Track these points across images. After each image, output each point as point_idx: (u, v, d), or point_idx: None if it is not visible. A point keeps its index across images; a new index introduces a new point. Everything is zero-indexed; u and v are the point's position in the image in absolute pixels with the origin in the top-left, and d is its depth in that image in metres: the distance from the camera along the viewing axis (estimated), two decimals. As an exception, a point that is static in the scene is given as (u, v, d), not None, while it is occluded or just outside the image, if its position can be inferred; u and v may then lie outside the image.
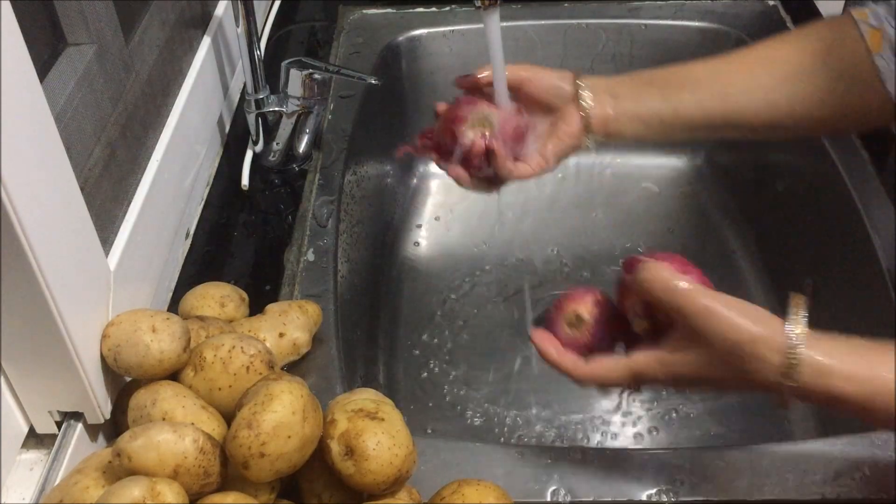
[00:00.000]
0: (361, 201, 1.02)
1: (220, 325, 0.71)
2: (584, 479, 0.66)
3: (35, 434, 0.64)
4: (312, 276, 0.84)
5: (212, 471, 0.57)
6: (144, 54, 0.80)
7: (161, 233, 0.81)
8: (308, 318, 0.74)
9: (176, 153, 0.85)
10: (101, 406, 0.64)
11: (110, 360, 0.63)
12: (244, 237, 0.90)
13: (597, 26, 1.20)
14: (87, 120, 0.68)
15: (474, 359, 1.02)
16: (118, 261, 0.69)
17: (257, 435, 0.55)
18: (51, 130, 0.56)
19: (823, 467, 0.66)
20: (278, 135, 0.97)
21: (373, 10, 1.23)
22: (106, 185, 0.71)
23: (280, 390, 0.57)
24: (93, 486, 0.57)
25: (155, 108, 0.83)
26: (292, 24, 1.23)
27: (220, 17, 1.01)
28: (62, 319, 0.57)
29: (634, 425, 0.95)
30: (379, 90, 1.03)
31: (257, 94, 0.94)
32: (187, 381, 0.64)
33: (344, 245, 0.91)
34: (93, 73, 0.69)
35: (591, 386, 0.63)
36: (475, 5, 0.73)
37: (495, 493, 0.60)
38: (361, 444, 0.58)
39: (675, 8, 1.22)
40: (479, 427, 0.96)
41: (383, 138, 1.16)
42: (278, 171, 0.98)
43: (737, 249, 1.14)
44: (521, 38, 1.20)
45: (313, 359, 0.75)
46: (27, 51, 0.53)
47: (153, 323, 0.63)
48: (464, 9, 1.22)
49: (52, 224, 0.56)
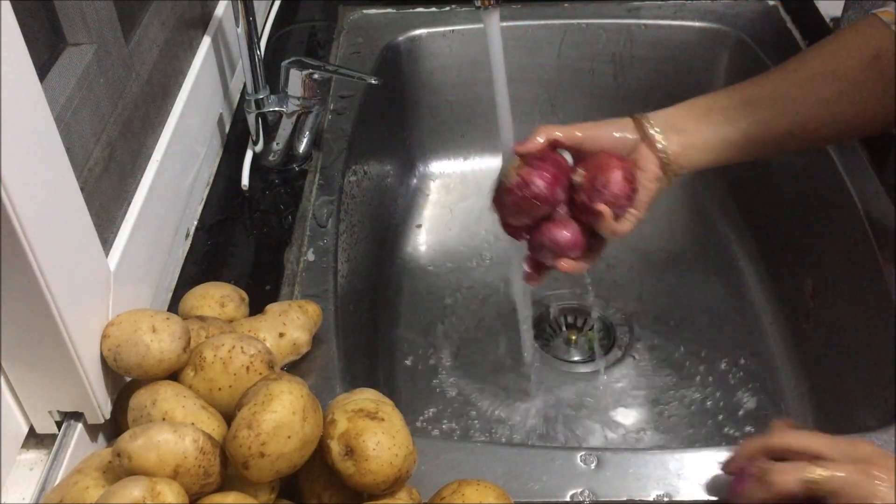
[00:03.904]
0: (361, 201, 1.02)
1: (220, 325, 0.71)
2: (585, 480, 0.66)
3: (35, 434, 0.64)
4: (312, 276, 0.84)
5: (212, 471, 0.57)
6: (144, 54, 0.80)
7: (161, 233, 0.81)
8: (308, 318, 0.74)
9: (176, 153, 0.85)
10: (101, 406, 0.64)
11: (110, 360, 0.63)
12: (244, 237, 0.90)
13: (596, 26, 1.20)
14: (87, 120, 0.68)
15: (475, 358, 1.02)
16: (118, 261, 0.69)
17: (257, 435, 0.55)
18: (51, 130, 0.56)
19: (823, 467, 0.66)
20: (278, 135, 0.97)
21: (373, 10, 1.23)
22: (106, 185, 0.71)
23: (280, 390, 0.57)
24: (93, 486, 0.57)
25: (155, 108, 0.83)
26: (292, 24, 1.23)
27: (220, 17, 1.01)
28: (62, 319, 0.57)
29: (636, 425, 0.95)
30: (379, 90, 1.03)
31: (257, 94, 0.94)
32: (187, 381, 0.64)
33: (344, 245, 0.91)
34: (93, 73, 0.69)
35: None
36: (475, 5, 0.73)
37: (495, 493, 0.60)
38: (361, 444, 0.58)
39: (675, 8, 1.22)
40: (479, 427, 0.95)
41: (383, 138, 1.16)
42: (278, 171, 0.98)
43: (737, 249, 1.14)
44: (521, 38, 1.20)
45: (313, 359, 0.75)
46: (27, 51, 0.53)
47: (153, 323, 0.63)
48: (464, 9, 1.21)
49: (52, 224, 0.56)
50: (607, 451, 0.68)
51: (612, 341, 1.04)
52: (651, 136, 0.74)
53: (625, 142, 0.75)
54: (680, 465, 0.67)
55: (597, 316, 1.07)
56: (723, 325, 1.05)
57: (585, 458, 0.67)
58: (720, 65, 1.19)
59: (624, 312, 1.07)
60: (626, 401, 0.97)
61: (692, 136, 0.75)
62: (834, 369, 0.91)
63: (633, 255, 1.14)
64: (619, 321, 1.06)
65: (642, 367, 1.01)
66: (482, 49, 0.77)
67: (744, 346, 1.02)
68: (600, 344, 1.04)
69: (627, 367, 1.01)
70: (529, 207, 0.69)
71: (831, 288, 0.94)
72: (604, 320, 1.07)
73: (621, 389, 0.98)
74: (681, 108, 0.77)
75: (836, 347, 0.91)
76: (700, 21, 1.20)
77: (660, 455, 0.68)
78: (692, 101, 0.78)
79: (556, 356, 1.03)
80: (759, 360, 1.00)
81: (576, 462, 0.67)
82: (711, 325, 1.05)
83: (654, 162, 0.74)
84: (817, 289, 0.97)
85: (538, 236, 0.71)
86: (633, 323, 1.06)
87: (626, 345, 1.03)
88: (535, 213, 0.70)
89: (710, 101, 0.77)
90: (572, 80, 1.23)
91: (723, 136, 0.75)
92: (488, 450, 0.69)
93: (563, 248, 0.70)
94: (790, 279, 1.03)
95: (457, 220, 1.20)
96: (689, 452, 0.68)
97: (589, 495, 0.65)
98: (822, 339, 0.94)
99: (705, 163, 0.76)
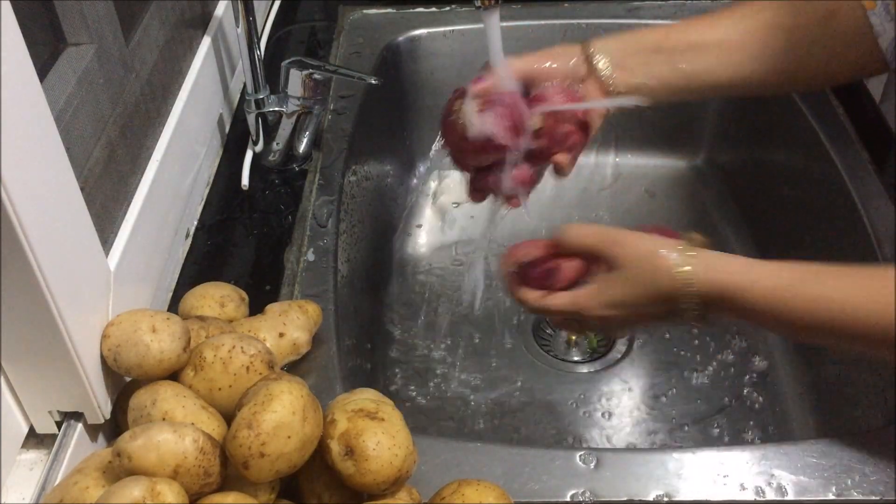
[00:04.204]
0: (361, 201, 1.02)
1: (220, 325, 0.71)
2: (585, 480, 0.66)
3: (35, 434, 0.64)
4: (312, 276, 0.84)
5: (212, 471, 0.57)
6: (144, 54, 0.80)
7: (161, 233, 0.81)
8: (308, 318, 0.74)
9: (176, 153, 0.85)
10: (101, 406, 0.64)
11: (110, 360, 0.63)
12: (244, 237, 0.90)
13: (597, 26, 1.20)
14: (87, 120, 0.68)
15: (475, 358, 1.02)
16: (118, 261, 0.69)
17: (257, 435, 0.55)
18: (51, 130, 0.56)
19: (823, 467, 0.66)
20: (278, 135, 0.97)
21: (373, 10, 1.23)
22: (106, 185, 0.71)
23: (280, 390, 0.57)
24: (93, 486, 0.57)
25: (155, 108, 0.83)
26: (292, 24, 1.23)
27: (220, 17, 1.01)
28: (62, 319, 0.57)
29: (636, 425, 0.95)
30: (379, 90, 1.03)
31: (257, 94, 0.94)
32: (187, 381, 0.64)
33: (344, 245, 0.91)
34: (93, 73, 0.69)
35: (542, 313, 0.75)
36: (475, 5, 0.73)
37: (495, 493, 0.60)
38: (361, 444, 0.58)
39: (675, 8, 1.22)
40: (479, 427, 0.96)
41: (383, 138, 1.16)
42: (278, 171, 0.98)
43: (737, 249, 1.14)
44: (521, 38, 1.20)
45: (313, 359, 0.75)
46: (27, 51, 0.53)
47: (153, 323, 0.63)
48: (464, 9, 1.21)
49: (52, 224, 0.56)
50: (607, 451, 0.68)
51: (612, 341, 1.04)
52: (600, 74, 0.75)
53: (575, 74, 0.76)
54: (680, 465, 0.67)
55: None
56: (722, 326, 1.05)
57: (585, 458, 0.67)
58: (720, 65, 1.19)
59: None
60: (626, 401, 0.97)
61: (637, 76, 0.76)
62: (834, 369, 0.91)
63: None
64: (619, 321, 1.06)
65: (642, 368, 1.01)
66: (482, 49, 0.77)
67: (744, 347, 1.02)
68: (600, 344, 1.04)
69: (627, 368, 1.01)
70: (491, 151, 0.71)
71: (831, 288, 0.94)
72: (604, 320, 1.07)
73: (621, 389, 0.98)
74: (628, 42, 0.77)
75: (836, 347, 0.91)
76: (700, 21, 1.19)
77: (660, 455, 0.68)
78: (641, 36, 0.78)
79: (556, 357, 1.03)
80: (759, 361, 1.00)
81: (576, 462, 0.67)
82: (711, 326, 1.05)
83: (600, 97, 0.75)
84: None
85: (494, 176, 0.73)
86: (633, 323, 1.06)
87: (625, 345, 1.03)
88: (494, 157, 0.72)
89: (659, 39, 0.77)
90: (572, 80, 1.23)
91: (665, 79, 0.76)
92: (488, 450, 0.69)
93: (518, 188, 0.73)
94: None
95: (457, 220, 1.20)
96: (689, 452, 0.68)
97: (589, 495, 0.65)
98: (822, 339, 0.94)
99: (646, 101, 0.77)
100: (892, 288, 0.58)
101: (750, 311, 0.63)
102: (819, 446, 0.68)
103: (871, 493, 0.64)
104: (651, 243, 0.66)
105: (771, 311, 0.62)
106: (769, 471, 0.66)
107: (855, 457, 0.66)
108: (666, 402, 0.97)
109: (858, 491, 0.64)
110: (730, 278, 0.64)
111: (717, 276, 0.64)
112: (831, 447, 0.67)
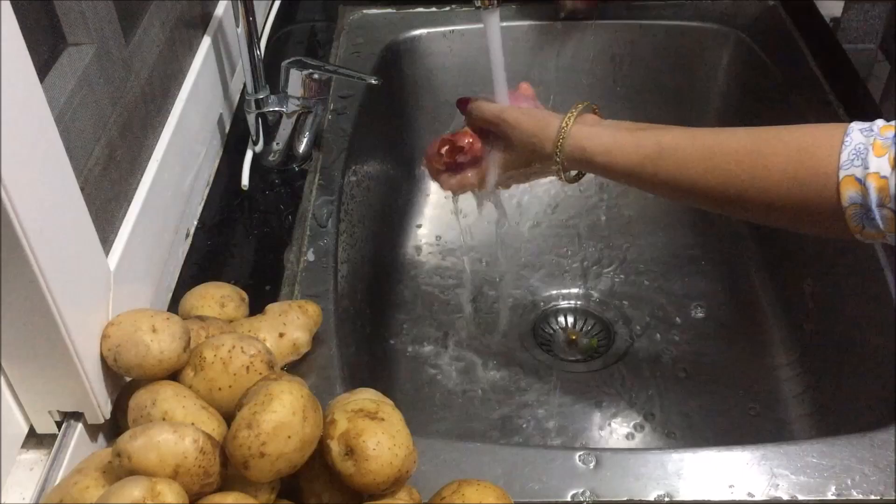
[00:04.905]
0: (361, 201, 1.02)
1: (220, 325, 0.71)
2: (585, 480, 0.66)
3: (35, 434, 0.64)
4: (312, 276, 0.84)
5: (212, 471, 0.57)
6: (144, 54, 0.80)
7: (161, 233, 0.81)
8: (308, 318, 0.74)
9: (176, 153, 0.85)
10: (101, 406, 0.64)
11: (110, 360, 0.63)
12: (244, 237, 0.90)
13: (596, 26, 1.20)
14: (87, 120, 0.68)
15: (475, 358, 1.02)
16: (118, 261, 0.69)
17: (257, 435, 0.55)
18: (51, 130, 0.56)
19: (823, 467, 0.66)
20: (278, 135, 0.97)
21: (373, 10, 1.23)
22: (106, 185, 0.71)
23: (280, 390, 0.57)
24: (93, 486, 0.57)
25: (155, 108, 0.83)
26: (292, 24, 1.23)
27: (220, 17, 1.01)
28: (62, 319, 0.57)
29: (636, 425, 0.95)
30: (379, 90, 1.03)
31: (257, 94, 0.94)
32: (187, 381, 0.64)
33: (344, 245, 0.91)
34: (93, 73, 0.69)
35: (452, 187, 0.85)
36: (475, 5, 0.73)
37: (495, 493, 0.60)
38: (361, 444, 0.58)
39: (675, 8, 1.22)
40: (479, 427, 0.96)
41: (383, 138, 1.16)
42: (278, 171, 0.98)
43: (737, 249, 1.14)
44: (521, 38, 1.20)
45: (313, 359, 0.75)
46: (27, 51, 0.53)
47: (153, 323, 0.63)
48: (464, 9, 1.21)
49: (52, 224, 0.56)
50: (607, 451, 0.68)
51: (612, 341, 1.04)
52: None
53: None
54: (680, 465, 0.67)
55: (597, 316, 1.07)
56: (722, 326, 1.05)
57: (585, 458, 0.67)
58: (720, 65, 1.20)
59: (624, 312, 1.07)
60: (626, 401, 0.97)
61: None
62: (834, 369, 0.91)
63: (634, 255, 1.14)
64: (618, 321, 1.06)
65: (642, 367, 1.01)
66: (482, 49, 0.77)
67: (744, 347, 1.02)
68: (600, 344, 1.04)
69: (627, 367, 1.01)
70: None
71: (831, 288, 0.95)
72: (604, 320, 1.07)
73: (621, 389, 0.98)
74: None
75: (836, 348, 0.91)
76: (700, 21, 1.20)
77: (660, 455, 0.68)
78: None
79: (556, 356, 1.03)
80: (759, 361, 1.00)
81: (575, 462, 0.67)
82: (711, 326, 1.05)
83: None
84: (817, 289, 0.97)
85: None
86: (633, 323, 1.06)
87: (625, 345, 1.03)
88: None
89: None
90: (572, 80, 1.23)
91: None
92: (488, 450, 0.69)
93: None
94: (790, 279, 1.03)
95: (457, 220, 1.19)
96: (689, 452, 0.68)
97: (589, 495, 0.65)
98: (822, 339, 0.94)
99: None
100: None
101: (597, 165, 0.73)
102: (819, 446, 0.68)
103: (871, 493, 0.64)
104: (536, 124, 0.76)
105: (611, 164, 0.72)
106: (769, 470, 0.66)
107: (855, 457, 0.66)
108: (666, 402, 0.97)
109: (858, 491, 0.64)
110: (590, 145, 0.73)
111: (581, 144, 0.74)
112: (831, 447, 0.67)
